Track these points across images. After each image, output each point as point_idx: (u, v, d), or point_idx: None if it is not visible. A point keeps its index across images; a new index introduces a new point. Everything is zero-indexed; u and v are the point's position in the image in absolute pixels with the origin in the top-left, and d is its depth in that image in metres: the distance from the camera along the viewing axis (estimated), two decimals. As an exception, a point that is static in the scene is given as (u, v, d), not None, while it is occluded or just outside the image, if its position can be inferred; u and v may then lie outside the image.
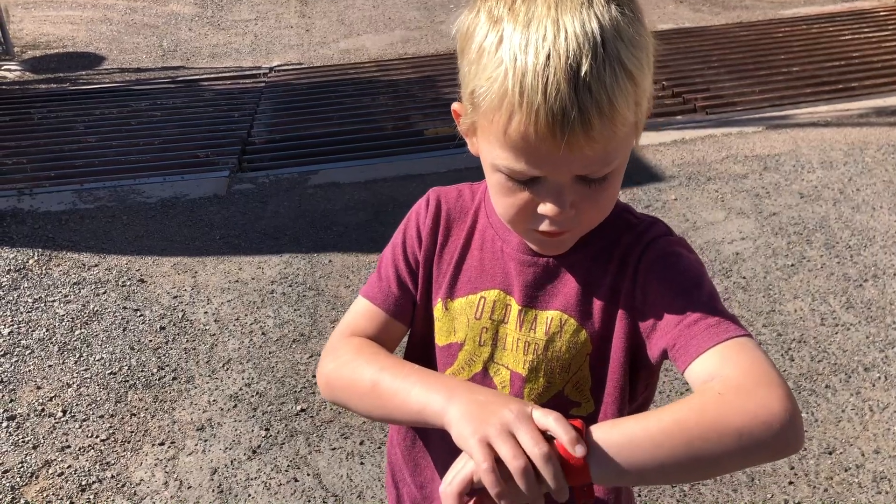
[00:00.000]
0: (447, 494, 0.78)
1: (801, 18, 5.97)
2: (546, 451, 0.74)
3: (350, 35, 6.39)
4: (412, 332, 1.06)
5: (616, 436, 0.76)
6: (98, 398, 2.59)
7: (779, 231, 3.30)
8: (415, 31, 6.25)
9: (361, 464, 2.30)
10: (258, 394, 2.57)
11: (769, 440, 0.75)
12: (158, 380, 2.66)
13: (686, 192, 3.64)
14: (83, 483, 2.28)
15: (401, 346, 1.10)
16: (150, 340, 2.85)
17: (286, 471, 2.28)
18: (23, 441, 2.43)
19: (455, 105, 0.90)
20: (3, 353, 2.82)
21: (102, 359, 2.77)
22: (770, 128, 4.25)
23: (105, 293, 3.13)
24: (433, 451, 1.04)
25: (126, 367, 2.72)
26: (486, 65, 0.80)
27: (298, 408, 2.51)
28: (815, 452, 2.25)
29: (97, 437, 2.44)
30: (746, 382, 0.78)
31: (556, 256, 0.95)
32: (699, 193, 3.63)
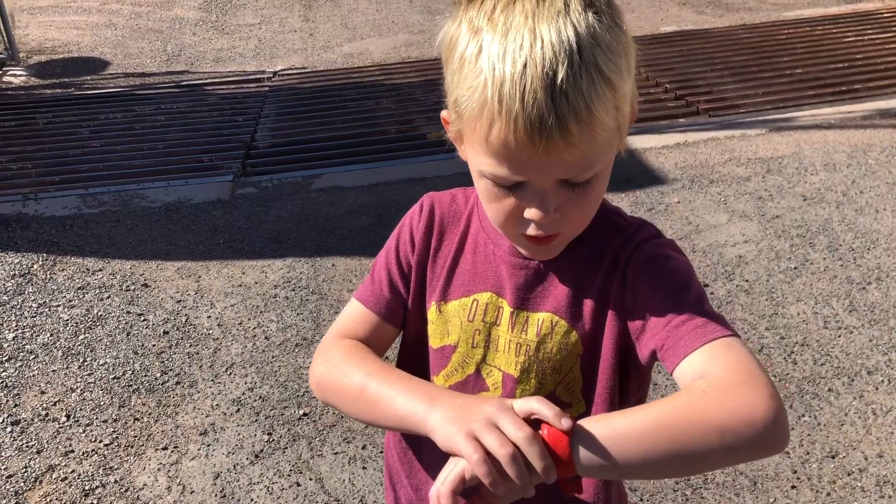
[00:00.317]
0: (442, 494, 0.79)
1: (805, 20, 5.96)
2: (529, 434, 0.77)
3: (354, 39, 6.40)
4: (407, 335, 1.08)
5: (601, 429, 0.78)
6: (102, 403, 2.60)
7: (782, 234, 3.30)
8: (418, 35, 6.26)
9: (364, 468, 2.30)
10: (261, 398, 2.58)
11: (752, 438, 0.76)
12: (162, 384, 2.67)
13: (689, 195, 3.64)
14: (86, 488, 2.28)
15: (395, 348, 1.11)
16: (154, 345, 2.86)
17: (289, 475, 2.29)
18: (27, 446, 2.44)
19: (443, 112, 0.92)
20: (8, 358, 2.83)
21: (106, 363, 2.78)
22: (773, 130, 4.25)
23: (109, 298, 3.14)
24: (427, 454, 1.05)
25: (129, 372, 2.73)
26: (467, 74, 0.82)
27: (301, 412, 2.51)
28: (818, 456, 2.25)
29: (101, 442, 2.45)
30: (731, 381, 0.79)
31: (547, 259, 0.96)
32: (702, 196, 3.63)
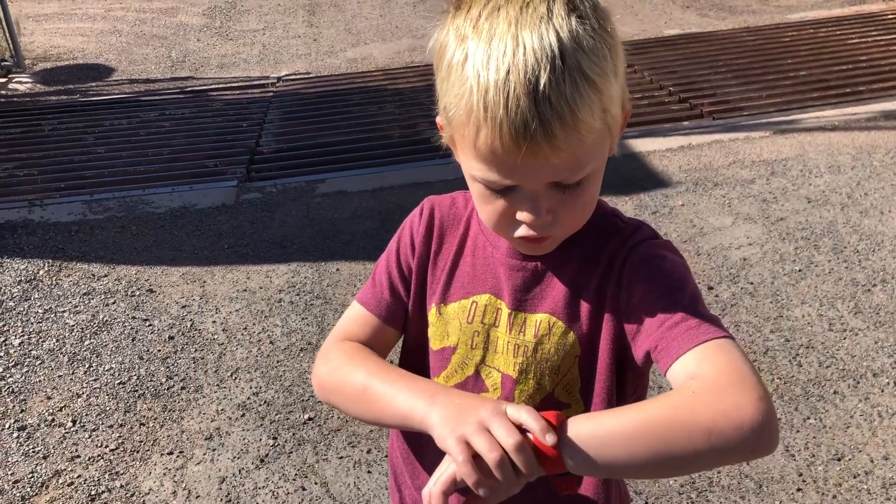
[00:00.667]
0: (433, 494, 0.81)
1: (808, 22, 5.96)
2: (517, 441, 0.77)
3: (357, 44, 6.42)
4: (408, 337, 1.09)
5: (590, 428, 0.80)
6: (107, 408, 2.61)
7: (786, 236, 3.29)
8: (422, 40, 6.27)
9: (369, 472, 2.30)
10: (266, 403, 2.58)
11: (739, 440, 0.76)
12: (167, 389, 2.67)
13: (693, 198, 3.64)
14: (92, 493, 2.29)
15: (396, 350, 1.12)
16: (159, 350, 2.87)
17: (294, 479, 2.29)
18: (33, 451, 2.45)
19: (438, 118, 0.93)
20: (14, 364, 2.84)
21: (112, 368, 2.79)
22: (777, 132, 4.25)
23: (114, 303, 3.15)
24: (429, 454, 1.05)
25: (135, 377, 2.74)
26: (454, 82, 0.83)
27: (306, 416, 2.52)
28: (824, 459, 2.24)
29: (106, 447, 2.45)
30: (721, 383, 0.80)
31: (545, 260, 0.97)
32: (706, 199, 3.63)
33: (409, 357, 1.09)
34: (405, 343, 1.10)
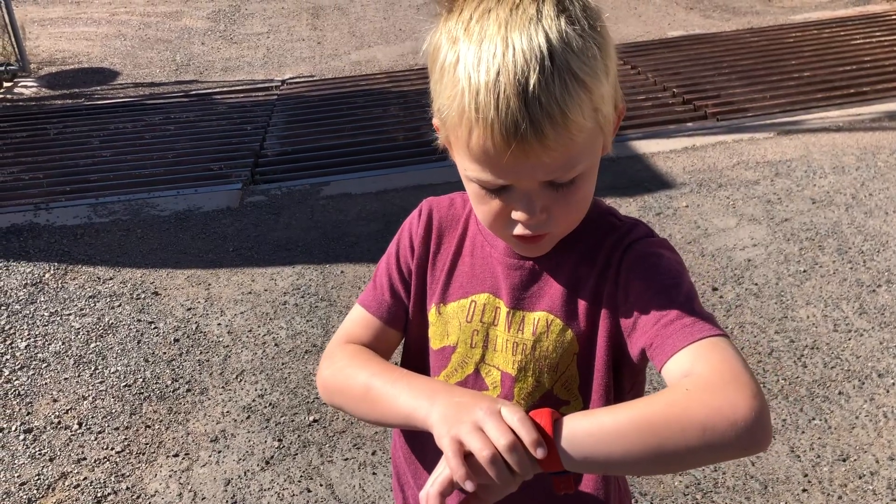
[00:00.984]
0: (430, 496, 0.82)
1: (812, 23, 5.96)
2: (509, 441, 0.78)
3: (361, 47, 6.43)
4: (409, 338, 1.10)
5: (585, 426, 0.81)
6: (113, 410, 2.62)
7: (791, 237, 3.29)
8: (424, 41, 6.29)
9: (374, 474, 2.31)
10: (271, 405, 2.59)
11: (733, 437, 0.77)
12: (172, 391, 2.68)
13: (697, 199, 3.64)
14: (99, 495, 2.30)
15: (398, 350, 1.13)
16: (165, 352, 2.87)
17: (299, 481, 2.30)
18: (39, 453, 2.46)
19: (434, 120, 0.94)
20: (21, 367, 2.85)
21: (117, 371, 2.79)
22: (781, 133, 4.24)
23: (120, 306, 3.16)
24: (432, 454, 1.06)
25: (140, 380, 2.75)
26: (447, 84, 0.84)
27: (311, 418, 2.52)
28: (829, 459, 2.24)
29: (112, 449, 2.46)
30: (715, 380, 0.80)
31: (542, 259, 0.98)
32: (710, 200, 3.62)
33: (411, 357, 1.10)
34: (407, 343, 1.11)
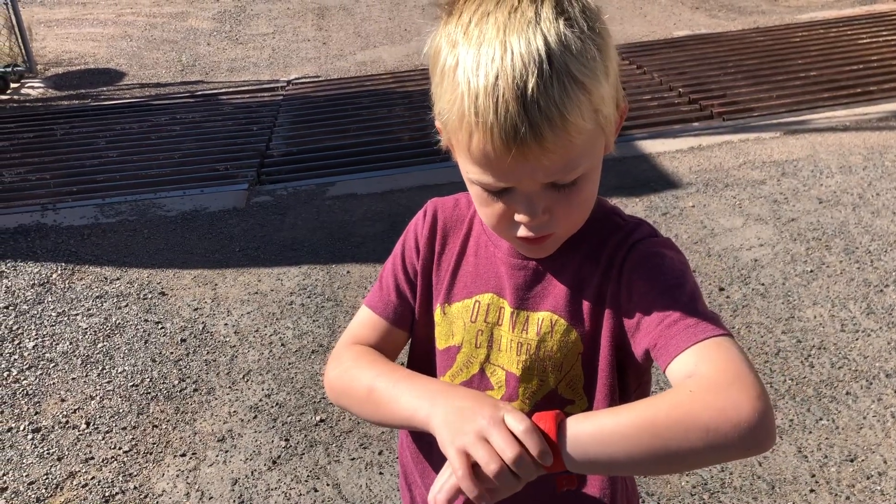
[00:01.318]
0: (438, 502, 0.83)
1: (819, 23, 5.94)
2: (516, 454, 0.79)
3: (367, 47, 6.44)
4: (415, 338, 1.10)
5: (589, 428, 0.81)
6: (120, 410, 2.63)
7: (797, 237, 3.28)
8: (426, 45, 6.29)
9: (381, 473, 2.31)
10: (278, 405, 2.59)
11: (736, 439, 0.77)
12: (179, 391, 2.69)
13: (703, 199, 3.63)
14: (106, 494, 2.31)
15: (405, 350, 1.13)
16: (172, 352, 2.88)
17: (306, 481, 2.30)
18: (48, 453, 2.47)
19: (437, 122, 0.94)
20: (29, 367, 2.86)
21: (125, 371, 2.80)
22: (788, 133, 4.24)
23: (127, 306, 3.17)
24: (437, 453, 1.06)
25: (148, 379, 2.75)
26: (447, 87, 0.84)
27: (318, 418, 2.53)
28: (837, 460, 2.23)
29: (120, 449, 2.47)
30: (719, 381, 0.80)
31: (546, 259, 0.98)
32: (717, 200, 3.62)
33: (417, 358, 1.10)
34: (413, 344, 1.11)
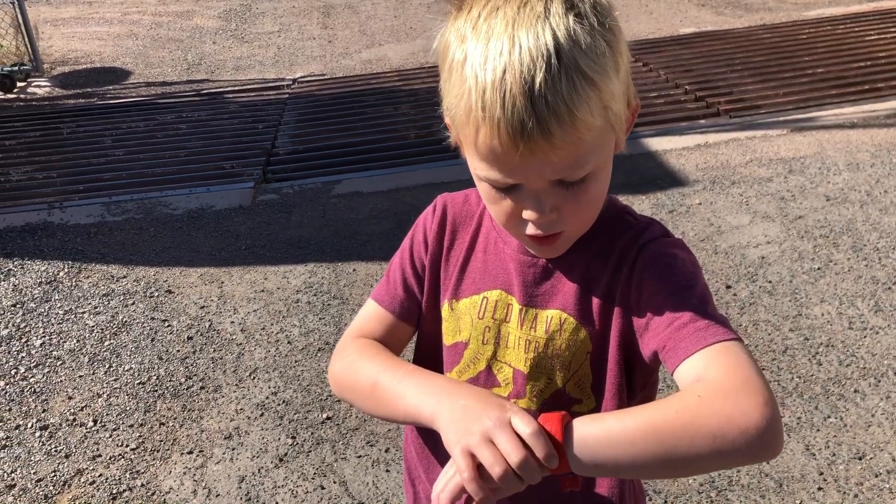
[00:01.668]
0: (441, 501, 0.83)
1: (826, 19, 5.92)
2: (522, 458, 0.78)
3: (372, 45, 6.44)
4: (422, 333, 1.10)
5: (595, 431, 0.80)
6: (127, 408, 2.63)
7: (805, 234, 3.27)
8: (435, 40, 6.29)
9: (387, 471, 2.31)
10: (284, 402, 2.60)
11: (743, 445, 0.77)
12: (186, 389, 2.69)
13: (710, 197, 3.62)
14: (114, 491, 2.31)
15: (411, 346, 1.13)
16: (178, 350, 2.89)
17: (313, 478, 2.30)
18: (55, 450, 2.48)
19: (445, 118, 0.94)
20: (36, 365, 2.87)
21: (131, 369, 2.81)
22: (795, 130, 4.22)
23: (133, 304, 3.18)
24: (443, 449, 1.06)
25: (154, 377, 2.76)
26: (455, 82, 0.84)
27: (324, 416, 2.53)
28: (845, 458, 2.23)
29: (127, 446, 2.47)
30: (727, 386, 0.80)
31: (555, 257, 0.98)
32: (724, 197, 3.61)
33: (424, 353, 1.10)
34: (419, 339, 1.11)
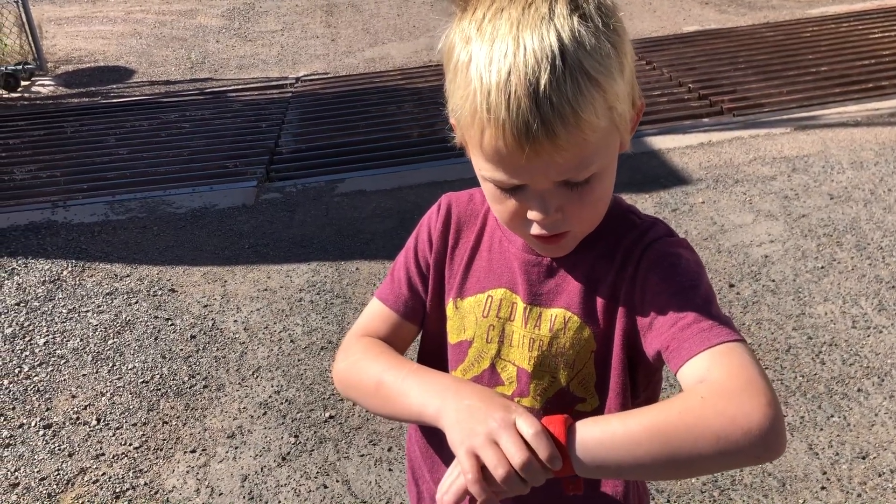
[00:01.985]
0: (445, 503, 0.83)
1: (830, 17, 5.90)
2: (525, 459, 0.79)
3: (375, 44, 6.44)
4: (427, 332, 1.10)
5: (598, 433, 0.81)
6: (131, 406, 2.64)
7: (808, 233, 3.26)
8: (439, 39, 6.28)
9: (390, 470, 2.31)
10: (287, 401, 2.60)
11: (747, 446, 0.77)
12: (189, 388, 2.70)
13: (714, 195, 3.62)
14: (117, 490, 2.32)
15: (415, 344, 1.13)
16: (181, 349, 2.89)
17: (315, 477, 2.30)
18: (59, 449, 2.48)
19: (451, 118, 0.94)
20: (40, 363, 2.88)
21: (135, 367, 2.81)
22: (798, 129, 4.21)
23: (137, 303, 3.18)
24: (447, 448, 1.06)
25: (158, 376, 2.76)
26: (460, 83, 0.84)
27: (327, 415, 2.53)
28: (849, 457, 2.22)
29: (130, 445, 2.48)
30: (730, 387, 0.80)
31: (560, 256, 0.98)
32: (727, 196, 3.60)
33: (428, 352, 1.10)
34: (424, 338, 1.11)
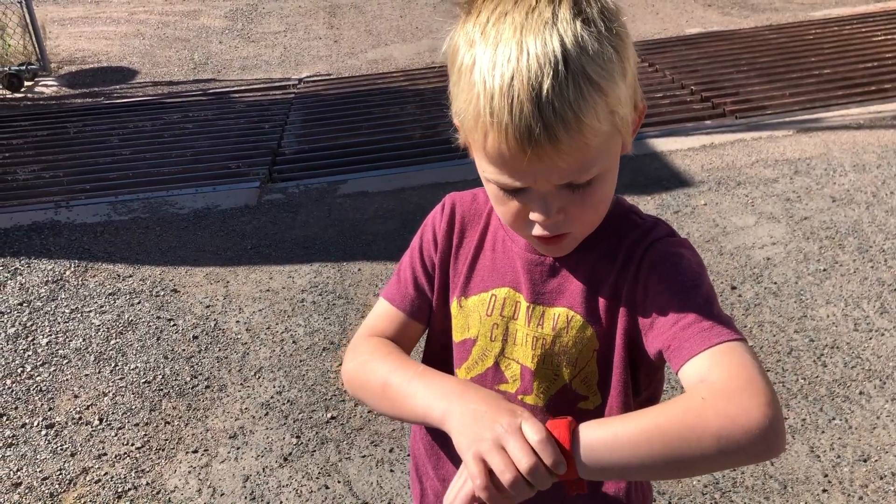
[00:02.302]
0: None
1: (833, 20, 5.90)
2: (532, 464, 0.79)
3: (378, 45, 6.44)
4: (432, 330, 1.11)
5: (601, 435, 0.82)
6: (133, 406, 2.64)
7: (810, 235, 3.26)
8: (442, 41, 6.27)
9: (391, 471, 2.31)
10: (289, 402, 2.60)
11: (747, 445, 0.78)
12: (192, 388, 2.70)
13: (716, 197, 3.62)
14: (119, 490, 2.32)
15: (421, 343, 1.14)
16: (184, 349, 2.89)
17: (317, 478, 2.31)
18: (61, 449, 2.49)
19: (455, 120, 0.95)
20: (42, 363, 2.88)
21: (137, 368, 2.82)
22: (801, 131, 4.21)
23: (139, 303, 3.19)
24: (453, 445, 1.07)
25: (160, 376, 2.77)
26: (464, 87, 0.85)
27: (329, 415, 2.53)
28: (850, 460, 2.22)
29: (132, 445, 2.48)
30: (730, 387, 0.81)
31: (563, 255, 0.99)
32: (729, 198, 3.60)
33: (433, 350, 1.11)
34: (429, 336, 1.12)
